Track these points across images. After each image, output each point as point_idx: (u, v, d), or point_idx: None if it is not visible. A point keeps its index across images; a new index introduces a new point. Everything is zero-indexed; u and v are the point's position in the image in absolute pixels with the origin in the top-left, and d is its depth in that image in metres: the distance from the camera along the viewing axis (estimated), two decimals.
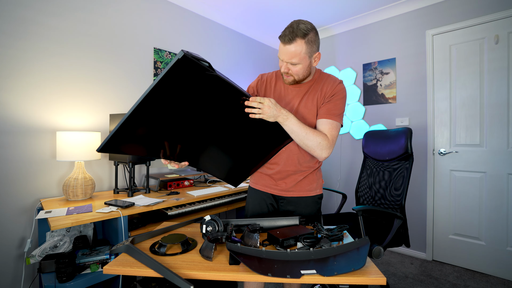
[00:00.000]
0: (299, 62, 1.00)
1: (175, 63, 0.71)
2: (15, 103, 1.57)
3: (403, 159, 1.76)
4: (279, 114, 0.97)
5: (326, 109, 1.08)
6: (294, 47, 0.97)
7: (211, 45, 2.74)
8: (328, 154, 1.05)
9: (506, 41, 2.02)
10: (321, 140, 1.02)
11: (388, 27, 2.63)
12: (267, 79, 1.23)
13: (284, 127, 1.00)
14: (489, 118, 2.11)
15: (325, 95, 1.10)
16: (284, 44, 0.98)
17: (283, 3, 2.50)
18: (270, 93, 1.20)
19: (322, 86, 1.11)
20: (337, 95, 1.09)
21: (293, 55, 0.98)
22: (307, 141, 1.01)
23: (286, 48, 0.98)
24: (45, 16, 1.67)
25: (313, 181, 1.20)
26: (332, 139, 1.05)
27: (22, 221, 1.59)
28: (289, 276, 0.72)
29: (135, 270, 0.76)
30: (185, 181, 2.09)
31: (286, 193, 1.20)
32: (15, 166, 1.57)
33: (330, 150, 1.04)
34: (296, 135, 1.01)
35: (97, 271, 1.34)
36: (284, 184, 1.19)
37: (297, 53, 0.98)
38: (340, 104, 1.10)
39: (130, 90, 2.10)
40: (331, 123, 1.07)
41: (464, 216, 2.22)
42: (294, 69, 1.03)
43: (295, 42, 0.96)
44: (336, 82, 1.11)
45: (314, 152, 1.04)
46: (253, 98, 0.93)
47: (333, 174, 3.09)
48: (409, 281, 2.02)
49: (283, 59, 1.02)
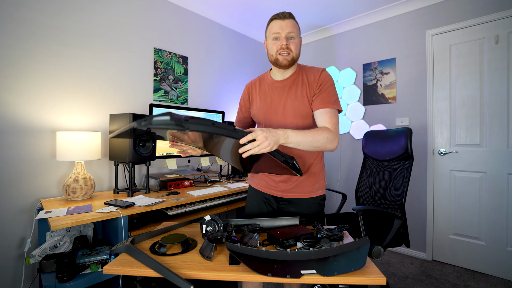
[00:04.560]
0: (297, 35, 1.09)
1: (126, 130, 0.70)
2: (15, 103, 1.57)
3: (403, 159, 1.76)
4: (278, 136, 0.87)
5: (320, 99, 1.09)
6: (292, 22, 1.08)
7: (211, 45, 2.74)
8: (337, 144, 1.05)
9: (506, 41, 2.02)
10: (327, 134, 1.00)
11: (388, 27, 2.63)
12: (251, 86, 1.27)
13: (290, 145, 0.94)
14: (489, 118, 2.11)
15: (312, 85, 1.11)
16: (284, 19, 1.07)
17: (283, 3, 2.50)
18: (256, 96, 1.22)
19: (306, 77, 1.13)
20: (325, 83, 1.10)
21: (293, 26, 1.08)
22: (316, 143, 0.98)
23: (285, 22, 1.07)
24: (45, 16, 1.67)
25: (315, 181, 1.18)
26: (335, 127, 1.05)
27: (22, 221, 1.59)
28: (289, 276, 0.72)
29: (135, 270, 0.76)
30: (185, 181, 2.09)
31: (287, 194, 1.18)
32: (15, 166, 1.57)
33: (337, 140, 1.04)
34: (304, 145, 0.96)
35: (97, 271, 1.34)
36: (285, 185, 1.18)
37: (296, 26, 1.09)
38: (332, 90, 1.10)
39: (130, 90, 2.10)
40: (330, 111, 1.07)
41: (464, 216, 2.22)
42: (293, 43, 1.08)
43: (292, 19, 1.08)
44: (319, 71, 1.13)
45: (325, 148, 1.02)
46: (243, 140, 0.80)
47: (333, 174, 3.09)
48: (409, 281, 2.02)
49: (282, 31, 1.07)
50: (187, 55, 2.50)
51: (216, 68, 2.80)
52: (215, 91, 2.79)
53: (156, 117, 0.63)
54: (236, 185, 2.18)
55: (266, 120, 1.18)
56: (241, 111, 1.32)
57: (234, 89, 3.00)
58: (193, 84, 2.57)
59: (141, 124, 0.66)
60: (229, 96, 2.94)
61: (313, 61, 3.26)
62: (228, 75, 2.94)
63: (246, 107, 1.29)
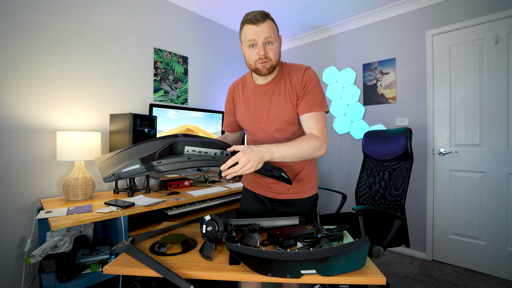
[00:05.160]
0: (275, 39, 0.99)
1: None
2: (15, 103, 1.57)
3: (403, 159, 1.76)
4: (262, 155, 0.87)
5: (304, 102, 1.03)
6: (268, 24, 0.96)
7: (211, 45, 2.74)
8: (326, 149, 1.01)
9: (506, 41, 2.02)
10: (314, 143, 0.96)
11: (388, 27, 2.63)
12: (234, 88, 1.23)
13: (276, 160, 0.92)
14: (489, 118, 2.11)
15: (295, 88, 1.05)
16: (258, 23, 0.95)
17: (283, 3, 2.50)
18: (240, 101, 1.18)
19: (289, 79, 1.07)
20: (308, 84, 1.04)
21: (270, 30, 0.96)
22: (303, 154, 0.95)
23: (261, 27, 0.95)
24: (45, 16, 1.67)
25: (307, 181, 1.18)
26: (321, 133, 1.00)
27: (22, 221, 1.59)
28: (289, 276, 0.72)
29: (135, 270, 0.76)
30: (185, 181, 2.09)
31: (280, 195, 1.18)
32: (15, 166, 1.57)
33: (325, 145, 1.00)
34: (291, 157, 0.94)
35: (97, 271, 1.34)
36: (277, 187, 1.17)
37: (273, 29, 0.97)
38: (317, 91, 1.04)
39: (130, 90, 2.10)
40: (315, 115, 1.02)
41: (464, 216, 2.22)
42: (272, 50, 0.99)
43: (267, 20, 0.96)
44: (302, 71, 1.06)
45: (313, 156, 0.99)
46: (223, 166, 0.83)
47: (333, 174, 3.09)
48: (409, 281, 2.02)
49: (258, 38, 0.96)
50: (187, 55, 2.50)
51: (216, 68, 2.80)
52: (215, 91, 2.79)
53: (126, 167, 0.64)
54: (236, 185, 2.18)
55: (251, 128, 1.16)
56: (227, 115, 1.28)
57: None
58: (193, 84, 2.57)
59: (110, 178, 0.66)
60: None
61: (313, 61, 3.26)
62: (228, 75, 2.94)
63: (232, 111, 1.26)
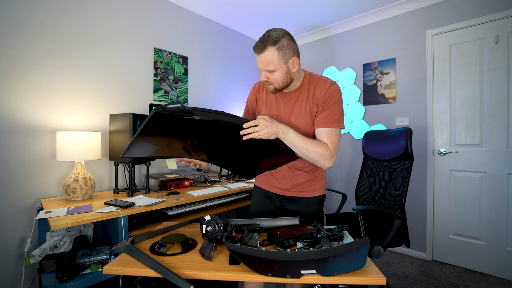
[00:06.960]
0: (275, 69, 1.01)
1: (149, 119, 0.78)
2: (15, 103, 1.57)
3: (403, 159, 1.76)
4: (278, 129, 0.94)
5: (322, 117, 1.06)
6: (267, 55, 1.00)
7: (211, 45, 2.74)
8: (332, 164, 1.03)
9: (506, 41, 2.02)
10: (322, 151, 1.00)
11: (388, 27, 2.63)
12: (259, 87, 1.26)
13: (285, 141, 0.98)
14: (489, 118, 2.11)
15: (317, 101, 1.08)
16: (258, 53, 1.01)
17: (283, 3, 2.50)
18: (262, 103, 1.22)
19: (313, 92, 1.09)
20: (330, 100, 1.06)
21: (267, 62, 1.00)
22: (309, 153, 0.99)
23: (259, 58, 1.02)
24: (45, 16, 1.67)
25: (316, 181, 1.21)
26: (333, 147, 1.04)
27: (22, 221, 1.59)
28: (289, 276, 0.72)
29: (135, 270, 0.76)
30: (185, 181, 2.09)
31: (289, 193, 1.21)
32: (15, 166, 1.57)
33: (333, 159, 1.03)
34: (297, 149, 0.99)
35: (97, 271, 1.34)
36: (287, 184, 1.20)
37: (270, 60, 1.00)
38: (336, 108, 1.06)
39: (130, 90, 2.10)
40: (330, 131, 1.05)
41: (464, 216, 2.22)
42: (273, 76, 1.03)
43: (267, 50, 0.99)
44: (327, 85, 1.08)
45: (317, 163, 1.02)
46: (246, 124, 0.89)
47: (333, 174, 3.08)
48: (409, 281, 2.02)
49: (259, 68, 1.05)
50: (187, 55, 2.50)
51: (216, 68, 2.80)
52: (215, 91, 2.79)
53: (169, 105, 0.77)
54: (236, 185, 2.18)
55: None
56: (247, 112, 1.31)
57: (234, 89, 3.00)
58: (193, 84, 2.57)
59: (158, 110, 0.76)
60: (229, 96, 2.94)
61: (313, 61, 3.26)
62: (228, 75, 2.94)
63: (253, 108, 1.29)
